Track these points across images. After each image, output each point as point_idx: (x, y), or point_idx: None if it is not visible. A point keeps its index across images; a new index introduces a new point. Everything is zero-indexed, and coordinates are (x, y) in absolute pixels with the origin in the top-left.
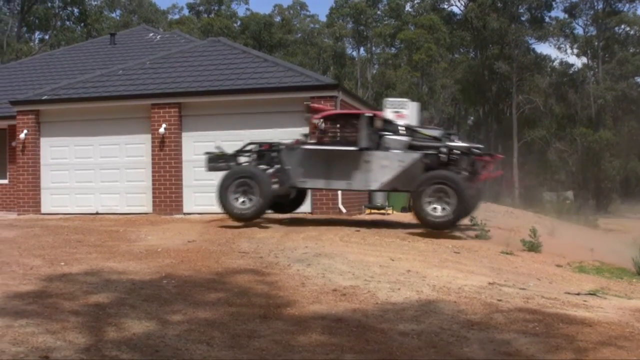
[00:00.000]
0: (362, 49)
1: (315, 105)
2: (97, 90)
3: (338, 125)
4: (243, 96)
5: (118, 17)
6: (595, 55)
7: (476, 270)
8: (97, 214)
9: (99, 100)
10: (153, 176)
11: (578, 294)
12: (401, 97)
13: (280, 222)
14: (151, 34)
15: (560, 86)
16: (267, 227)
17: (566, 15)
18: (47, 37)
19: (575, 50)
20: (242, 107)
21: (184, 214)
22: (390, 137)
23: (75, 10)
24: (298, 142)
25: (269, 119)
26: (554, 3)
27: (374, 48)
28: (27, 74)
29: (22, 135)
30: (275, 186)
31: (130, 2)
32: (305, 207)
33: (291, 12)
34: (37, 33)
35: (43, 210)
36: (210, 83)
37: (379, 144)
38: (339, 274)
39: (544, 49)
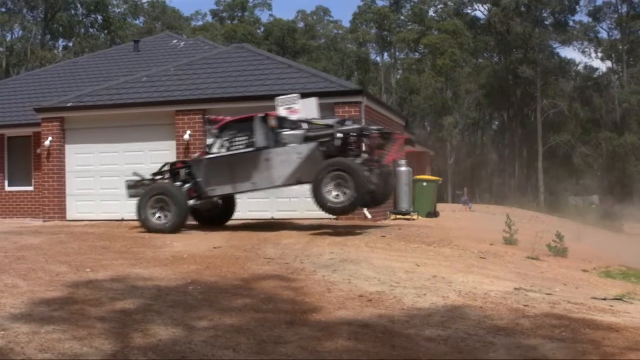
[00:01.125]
0: (386, 54)
1: (214, 117)
2: (122, 98)
3: (237, 131)
4: (267, 102)
5: (142, 24)
6: (619, 59)
7: (502, 275)
8: (122, 220)
9: (123, 108)
10: None
11: (604, 299)
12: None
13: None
14: (175, 41)
15: (585, 90)
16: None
17: (590, 19)
18: (71, 44)
19: (600, 54)
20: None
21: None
22: (286, 133)
23: (99, 17)
24: (203, 154)
25: None
26: (577, 7)
27: (397, 53)
28: (51, 81)
29: (47, 143)
30: (193, 201)
31: (153, 9)
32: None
33: (314, 18)
34: (61, 40)
35: (68, 217)
36: (235, 89)
37: (276, 142)
38: (365, 279)
39: (568, 53)
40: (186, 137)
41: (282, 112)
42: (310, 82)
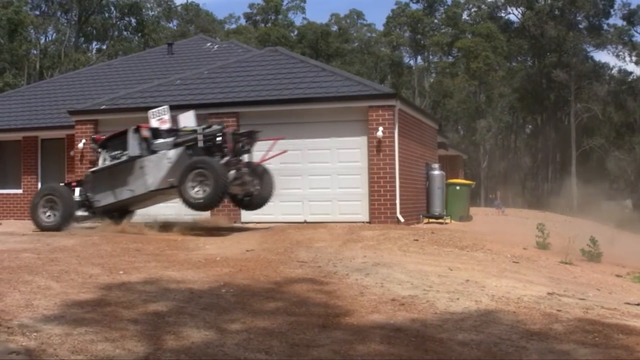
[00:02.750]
0: (419, 57)
1: (98, 136)
2: (155, 100)
3: (115, 145)
4: (301, 105)
5: (175, 27)
6: None
7: (535, 280)
8: (155, 222)
9: None
10: None
11: (638, 305)
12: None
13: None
14: (208, 44)
15: (619, 94)
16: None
17: (624, 23)
18: (104, 47)
19: (634, 58)
20: (300, 116)
21: (242, 222)
22: (157, 141)
23: (133, 20)
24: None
25: (327, 128)
26: (612, 10)
27: (431, 57)
28: (85, 83)
29: (80, 145)
30: (80, 211)
31: (187, 12)
32: (363, 216)
33: (348, 21)
34: (94, 43)
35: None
36: (268, 92)
37: (149, 150)
38: (398, 283)
39: (602, 56)
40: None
41: (153, 123)
42: (344, 85)
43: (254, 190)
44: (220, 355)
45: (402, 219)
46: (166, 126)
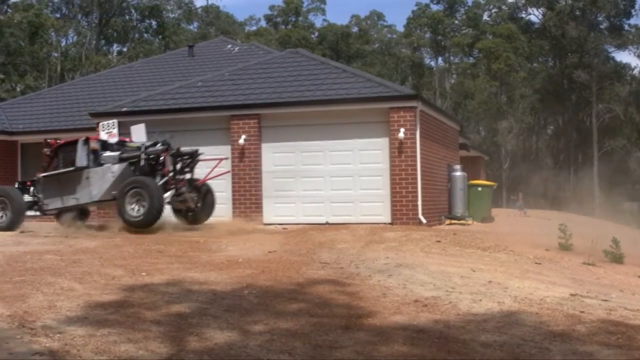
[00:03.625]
0: (440, 58)
1: (52, 140)
2: (177, 102)
3: (65, 153)
4: (322, 107)
5: (195, 29)
6: None
7: (558, 281)
8: (177, 224)
9: (178, 112)
10: (233, 187)
11: None
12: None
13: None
14: (229, 46)
15: None
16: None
17: None
18: (125, 49)
19: None
20: (321, 118)
21: (265, 224)
22: (105, 154)
23: (153, 22)
24: (40, 172)
25: (348, 129)
26: (633, 11)
27: (452, 58)
28: (106, 86)
29: None
30: (32, 212)
31: (207, 14)
32: (385, 218)
33: (368, 22)
34: (115, 45)
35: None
36: (290, 94)
37: (96, 162)
38: (420, 284)
39: (624, 57)
40: (241, 141)
41: (103, 135)
42: (365, 86)
43: (195, 206)
44: (243, 357)
45: (424, 220)
46: (114, 140)
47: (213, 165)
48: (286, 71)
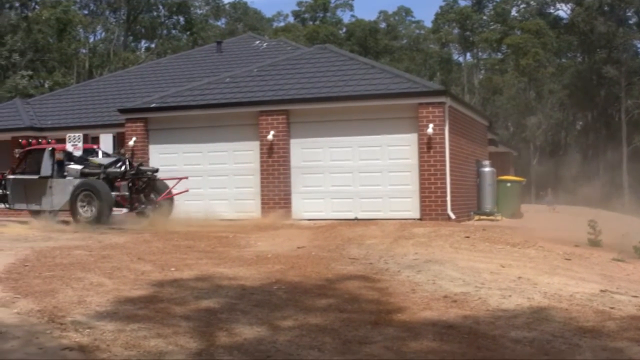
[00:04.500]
0: (468, 54)
1: (25, 141)
2: (205, 98)
3: (34, 159)
4: (350, 103)
5: (223, 26)
6: None
7: (587, 277)
8: (206, 219)
9: (207, 108)
10: (262, 182)
11: None
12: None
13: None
14: (257, 42)
15: None
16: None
17: None
18: (153, 45)
19: None
20: (349, 113)
21: (293, 220)
22: (69, 166)
23: (181, 19)
24: (10, 172)
25: (376, 125)
26: None
27: (480, 53)
28: (134, 82)
29: (131, 143)
30: (4, 205)
31: (235, 11)
32: (414, 213)
33: (396, 18)
34: (143, 42)
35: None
36: (318, 90)
37: (60, 173)
38: (450, 280)
39: None
40: (269, 137)
41: (69, 147)
42: (394, 82)
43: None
44: (273, 352)
45: (452, 216)
46: (78, 153)
47: (179, 181)
48: (314, 67)
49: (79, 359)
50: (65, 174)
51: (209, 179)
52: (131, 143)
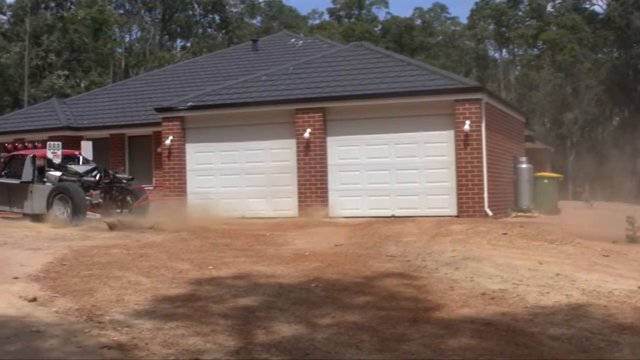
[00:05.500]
0: (504, 50)
1: (10, 145)
2: (241, 97)
3: (17, 164)
4: (387, 100)
5: (258, 24)
6: None
7: (626, 273)
8: (243, 218)
9: (243, 106)
10: (299, 180)
11: None
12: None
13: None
14: (293, 40)
15: None
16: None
17: None
18: (188, 44)
19: None
20: (386, 110)
21: (330, 217)
22: (49, 172)
23: (216, 17)
24: None
25: (413, 122)
26: None
27: (516, 49)
28: (170, 81)
29: (167, 142)
30: None
31: (270, 9)
32: (451, 210)
33: (431, 14)
34: (178, 41)
35: (189, 215)
36: (354, 87)
37: (40, 177)
38: (487, 277)
39: None
40: (306, 135)
41: (49, 154)
42: (430, 79)
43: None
44: (311, 350)
45: (490, 213)
46: (58, 160)
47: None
48: (350, 64)
49: (118, 357)
50: (45, 180)
51: (245, 177)
52: (168, 142)
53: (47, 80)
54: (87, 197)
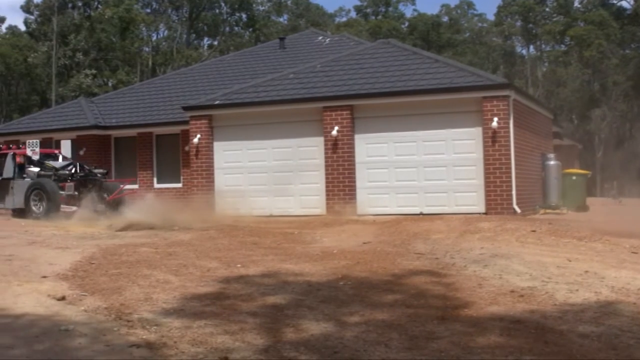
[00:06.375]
0: (531, 46)
1: (5, 146)
2: (269, 94)
3: (2, 161)
4: (415, 97)
5: (285, 22)
6: None
7: None
8: (270, 216)
9: (270, 104)
10: (326, 178)
11: None
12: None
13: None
14: (320, 37)
15: None
16: None
17: None
18: (215, 43)
19: None
20: (413, 108)
21: (358, 215)
22: (29, 169)
23: (243, 15)
24: None
25: (440, 119)
26: None
27: (543, 45)
28: (198, 79)
29: (195, 140)
30: None
31: (297, 7)
32: (479, 208)
33: (458, 11)
34: (205, 39)
35: (217, 213)
36: (382, 85)
37: (20, 174)
38: (516, 274)
39: None
40: (334, 132)
41: (29, 152)
42: (458, 76)
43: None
44: (340, 348)
45: (518, 210)
46: (36, 157)
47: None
48: (378, 62)
49: (146, 355)
50: (25, 176)
51: (273, 175)
52: (195, 140)
53: (74, 79)
54: (61, 192)
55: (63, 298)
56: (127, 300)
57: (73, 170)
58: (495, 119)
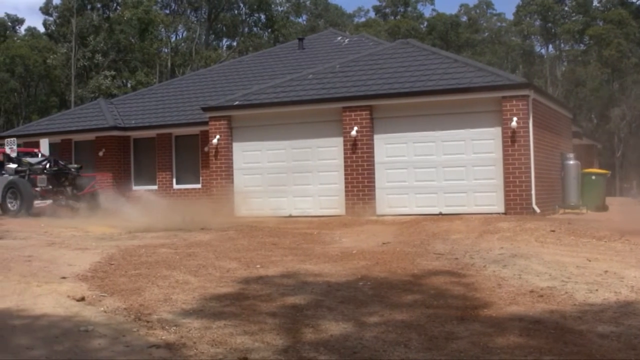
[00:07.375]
0: (550, 46)
1: None
2: (288, 95)
3: None
4: (434, 97)
5: (304, 22)
6: None
7: None
8: (290, 216)
9: (290, 105)
10: (346, 179)
11: None
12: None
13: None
14: (339, 38)
15: None
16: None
17: None
18: (234, 43)
19: None
20: (433, 108)
21: (377, 215)
22: (7, 166)
23: (262, 16)
24: None
25: (460, 119)
26: None
27: (562, 45)
28: (217, 80)
29: (214, 141)
30: None
31: (316, 7)
32: (499, 208)
33: (477, 11)
34: (224, 40)
35: (236, 214)
36: (401, 85)
37: (0, 172)
38: (536, 274)
39: None
40: (353, 133)
41: (7, 150)
42: (477, 76)
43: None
44: (359, 348)
45: (537, 210)
46: (14, 154)
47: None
48: (397, 62)
49: (166, 356)
50: (4, 172)
51: (293, 175)
52: (215, 141)
53: (93, 80)
54: (36, 188)
55: (82, 299)
56: (146, 301)
57: (47, 165)
58: (515, 118)
